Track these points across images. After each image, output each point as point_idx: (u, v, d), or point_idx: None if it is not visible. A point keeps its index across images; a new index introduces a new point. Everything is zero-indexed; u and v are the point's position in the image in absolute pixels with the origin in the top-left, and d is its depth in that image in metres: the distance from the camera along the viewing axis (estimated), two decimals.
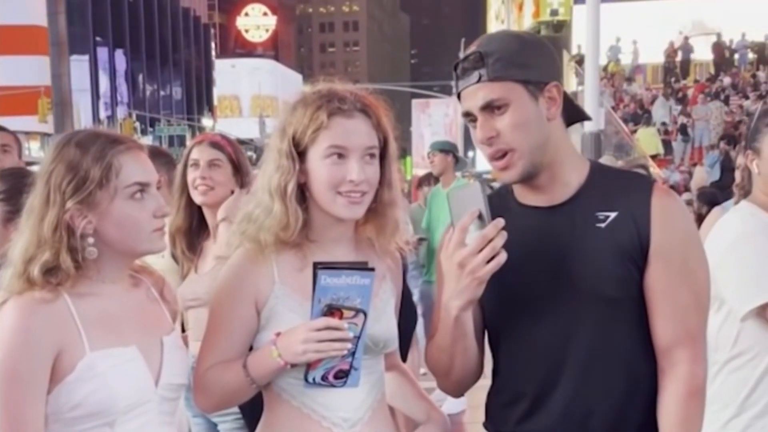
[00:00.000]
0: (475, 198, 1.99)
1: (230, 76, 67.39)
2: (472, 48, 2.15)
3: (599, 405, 2.11)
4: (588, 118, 2.29)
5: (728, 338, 2.76)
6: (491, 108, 2.10)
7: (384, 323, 2.28)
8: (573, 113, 2.23)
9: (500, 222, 1.96)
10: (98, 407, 2.00)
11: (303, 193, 2.22)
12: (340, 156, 2.16)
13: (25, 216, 2.08)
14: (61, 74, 46.00)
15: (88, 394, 1.99)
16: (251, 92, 65.93)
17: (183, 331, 2.33)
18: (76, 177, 2.03)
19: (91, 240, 2.05)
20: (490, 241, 1.95)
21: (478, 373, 2.29)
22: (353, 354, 2.10)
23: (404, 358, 5.55)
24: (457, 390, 2.34)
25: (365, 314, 2.07)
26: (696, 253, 2.14)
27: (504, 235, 1.96)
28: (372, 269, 2.07)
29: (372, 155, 2.21)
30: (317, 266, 2.04)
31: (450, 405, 7.28)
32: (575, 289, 2.09)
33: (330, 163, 2.16)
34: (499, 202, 2.25)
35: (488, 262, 1.95)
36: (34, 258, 2.02)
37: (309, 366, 2.11)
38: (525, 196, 2.21)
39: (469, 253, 1.96)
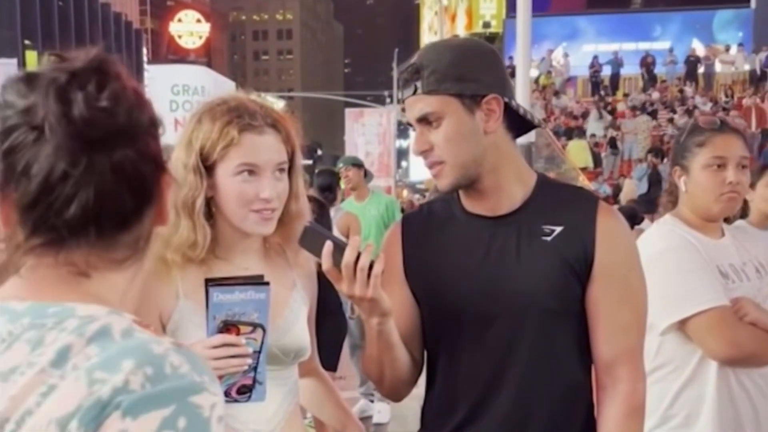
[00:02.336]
0: (318, 236, 1.98)
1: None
2: (413, 59, 2.15)
3: (537, 416, 2.11)
4: (537, 126, 2.28)
5: (649, 350, 2.74)
6: (427, 121, 2.10)
7: (295, 334, 2.26)
8: (521, 123, 2.21)
9: (355, 241, 1.94)
10: None
11: (209, 207, 2.18)
12: (251, 173, 2.13)
13: None
14: None
15: None
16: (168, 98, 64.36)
17: None
18: None
19: None
20: (357, 260, 1.92)
21: (413, 380, 2.28)
22: (255, 368, 2.06)
23: (334, 368, 5.55)
24: (393, 396, 2.33)
25: (264, 328, 2.03)
26: (637, 272, 2.17)
27: (369, 247, 1.94)
28: (267, 283, 2.02)
29: (282, 170, 2.19)
30: (208, 283, 1.99)
31: (379, 415, 7.36)
32: (518, 300, 2.09)
33: (241, 180, 2.13)
34: (443, 208, 2.27)
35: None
36: None
37: None
38: (471, 204, 2.21)
39: (348, 285, 1.94)
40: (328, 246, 1.94)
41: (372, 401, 7.58)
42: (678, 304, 2.73)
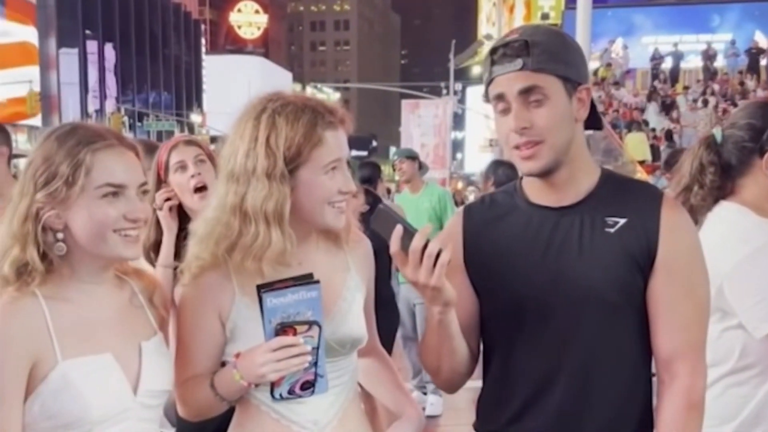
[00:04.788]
0: (390, 219, 1.98)
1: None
2: (515, 36, 2.11)
3: (595, 410, 2.10)
4: (601, 128, 2.28)
5: (729, 351, 2.52)
6: (527, 98, 2.07)
7: (350, 324, 2.26)
8: (592, 119, 2.21)
9: (426, 229, 1.94)
10: (72, 417, 1.93)
11: None
12: (334, 168, 2.14)
13: (8, 208, 2.02)
14: (49, 66, 45.74)
15: (63, 404, 1.92)
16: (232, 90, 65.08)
17: None
18: (47, 170, 1.97)
19: (60, 235, 1.98)
20: (425, 248, 1.92)
21: (469, 372, 2.28)
22: (315, 364, 2.08)
23: None
24: (448, 387, 2.33)
25: (319, 325, 2.05)
26: (700, 268, 2.14)
27: (438, 236, 1.94)
28: (317, 281, 2.03)
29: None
30: (260, 289, 2.00)
31: (432, 407, 7.34)
32: (580, 291, 2.08)
33: (328, 177, 2.14)
34: (505, 198, 2.27)
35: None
36: (7, 254, 1.96)
37: (273, 383, 2.08)
38: (535, 195, 2.21)
39: (412, 270, 1.94)
40: (398, 229, 1.95)
41: (425, 393, 7.57)
42: None
